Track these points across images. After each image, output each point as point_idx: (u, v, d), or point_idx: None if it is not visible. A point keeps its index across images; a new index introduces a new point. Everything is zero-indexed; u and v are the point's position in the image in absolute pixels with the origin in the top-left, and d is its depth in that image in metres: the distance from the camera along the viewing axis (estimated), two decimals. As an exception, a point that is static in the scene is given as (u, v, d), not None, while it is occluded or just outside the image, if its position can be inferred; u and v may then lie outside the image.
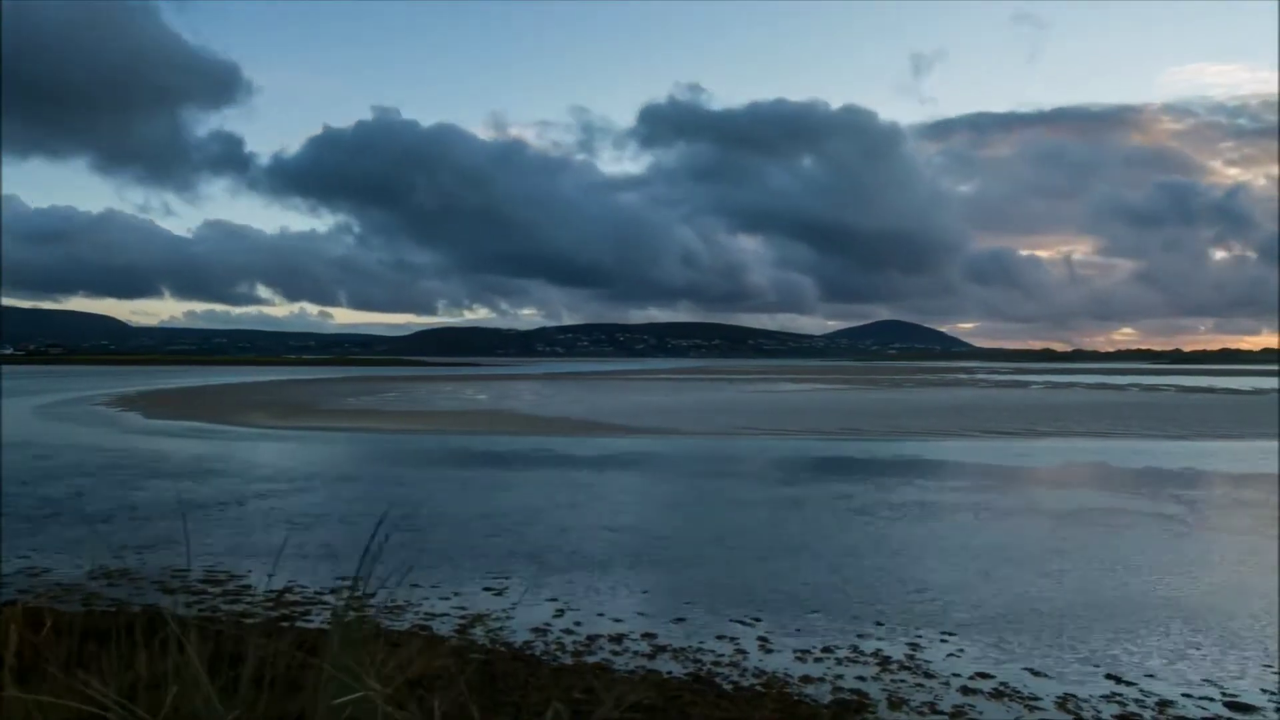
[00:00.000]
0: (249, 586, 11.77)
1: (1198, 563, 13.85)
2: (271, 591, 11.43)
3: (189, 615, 8.53)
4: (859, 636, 10.02)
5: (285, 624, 9.43)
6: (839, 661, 9.23)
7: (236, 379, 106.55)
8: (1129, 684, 8.62)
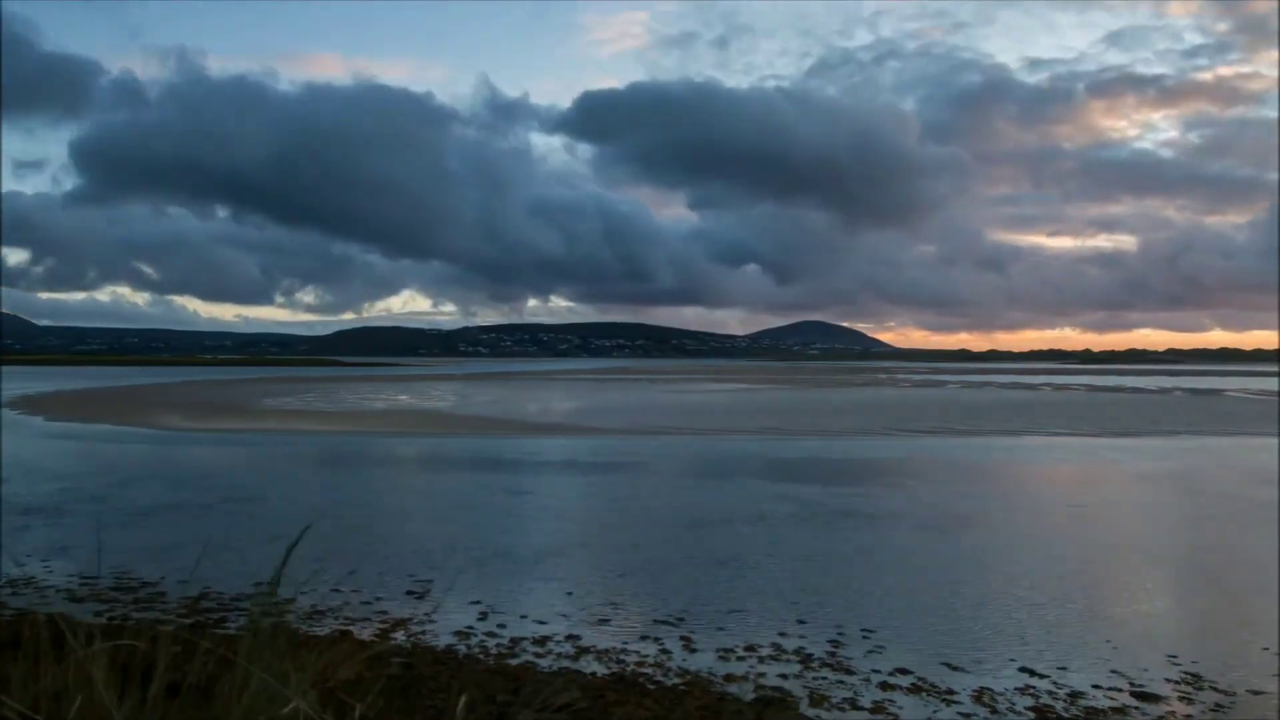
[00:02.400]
0: (162, 593, 11.46)
1: (1110, 556, 14.27)
2: (186, 598, 11.13)
3: (97, 623, 8.28)
4: (781, 635, 10.11)
5: (200, 631, 9.19)
6: (761, 660, 9.31)
7: (149, 380, 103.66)
8: (1041, 676, 8.84)
